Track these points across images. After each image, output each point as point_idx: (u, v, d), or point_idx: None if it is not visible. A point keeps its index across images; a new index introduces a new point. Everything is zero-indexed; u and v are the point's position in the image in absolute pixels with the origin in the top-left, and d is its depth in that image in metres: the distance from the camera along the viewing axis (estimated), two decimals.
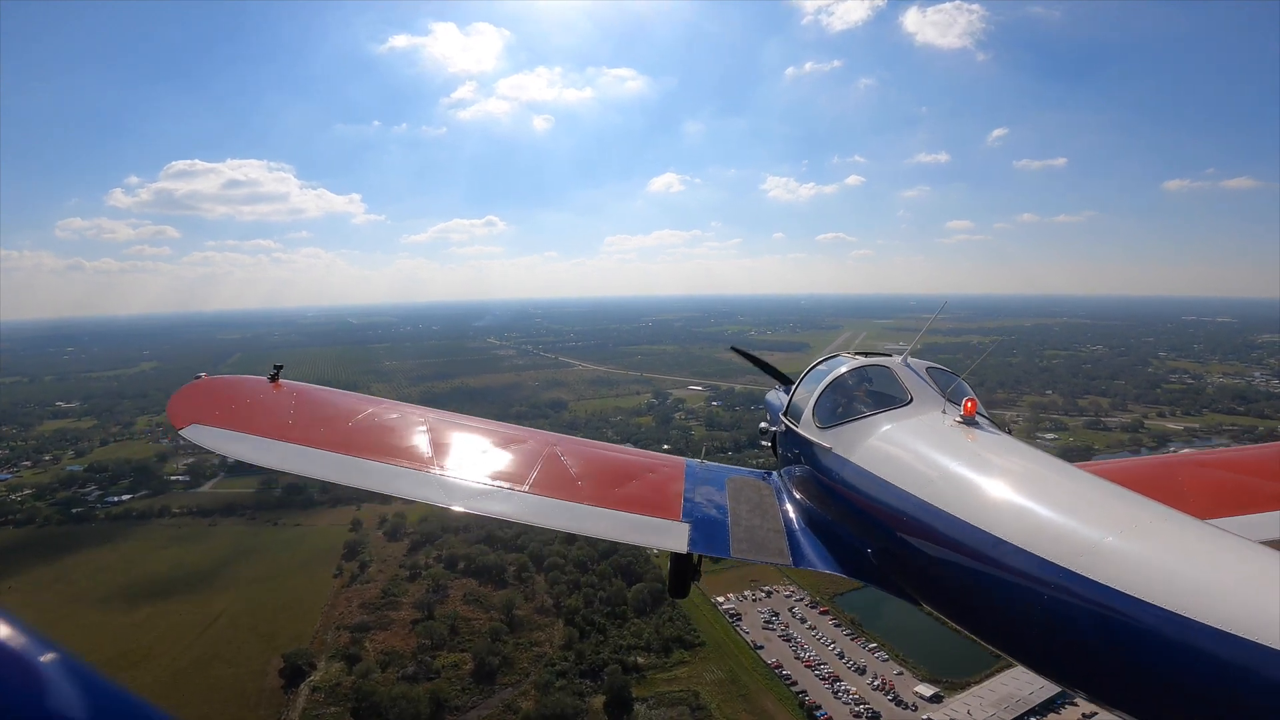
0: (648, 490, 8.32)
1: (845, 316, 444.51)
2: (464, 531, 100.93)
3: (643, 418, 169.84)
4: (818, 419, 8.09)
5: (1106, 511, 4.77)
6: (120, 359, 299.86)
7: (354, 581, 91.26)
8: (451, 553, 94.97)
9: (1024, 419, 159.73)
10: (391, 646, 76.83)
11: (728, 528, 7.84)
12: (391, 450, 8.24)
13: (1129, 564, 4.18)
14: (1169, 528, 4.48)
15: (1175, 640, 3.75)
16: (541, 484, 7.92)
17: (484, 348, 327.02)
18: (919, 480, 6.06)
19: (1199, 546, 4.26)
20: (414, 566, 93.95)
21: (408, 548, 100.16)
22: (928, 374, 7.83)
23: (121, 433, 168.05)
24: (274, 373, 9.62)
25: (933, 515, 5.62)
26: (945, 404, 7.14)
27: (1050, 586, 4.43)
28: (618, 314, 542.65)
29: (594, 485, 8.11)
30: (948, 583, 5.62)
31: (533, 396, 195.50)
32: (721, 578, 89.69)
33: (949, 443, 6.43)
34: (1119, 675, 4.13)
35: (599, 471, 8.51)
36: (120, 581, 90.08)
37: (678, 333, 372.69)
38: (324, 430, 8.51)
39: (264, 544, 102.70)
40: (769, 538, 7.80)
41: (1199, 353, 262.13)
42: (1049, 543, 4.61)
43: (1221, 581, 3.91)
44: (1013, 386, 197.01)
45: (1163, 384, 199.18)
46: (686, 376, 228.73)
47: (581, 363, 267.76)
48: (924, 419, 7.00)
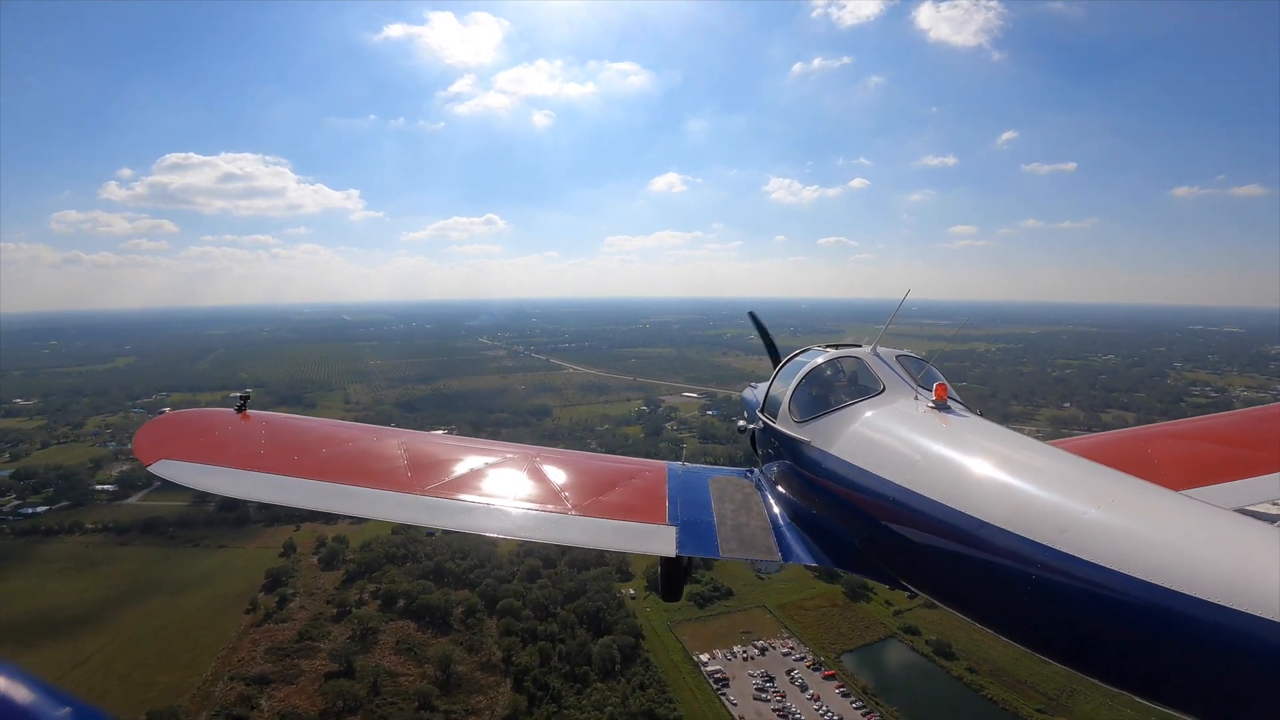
0: (632, 496, 8.15)
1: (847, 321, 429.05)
2: (411, 562, 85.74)
3: (631, 427, 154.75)
4: (795, 413, 8.14)
5: (1084, 487, 4.77)
6: (99, 354, 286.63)
7: (268, 619, 75.74)
8: (391, 588, 79.44)
9: (1043, 435, 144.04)
10: (292, 706, 61.50)
11: (715, 528, 7.78)
12: (368, 474, 7.99)
13: (1110, 538, 4.22)
14: (1146, 501, 4.54)
15: (1158, 611, 3.80)
16: (525, 497, 7.81)
17: (474, 348, 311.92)
18: (899, 467, 6.05)
19: (1176, 518, 4.29)
20: (344, 603, 78.46)
21: (342, 578, 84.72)
22: (898, 362, 7.91)
23: (68, 434, 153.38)
24: (240, 403, 9.30)
25: (915, 500, 5.62)
26: (917, 390, 7.28)
27: (1034, 564, 4.46)
28: (616, 315, 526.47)
29: (578, 495, 7.96)
30: (934, 566, 5.64)
31: (516, 402, 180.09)
32: (708, 627, 74.48)
33: (925, 428, 6.47)
34: (1106, 648, 4.16)
35: (582, 481, 8.34)
36: None
37: (675, 335, 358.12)
38: (297, 457, 8.29)
39: (175, 569, 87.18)
40: (756, 535, 7.75)
41: (1215, 364, 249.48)
42: (1030, 521, 4.64)
43: (1200, 551, 3.93)
44: (1027, 398, 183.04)
45: (1185, 397, 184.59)
46: (681, 382, 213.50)
47: (573, 365, 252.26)
48: (898, 406, 7.07)
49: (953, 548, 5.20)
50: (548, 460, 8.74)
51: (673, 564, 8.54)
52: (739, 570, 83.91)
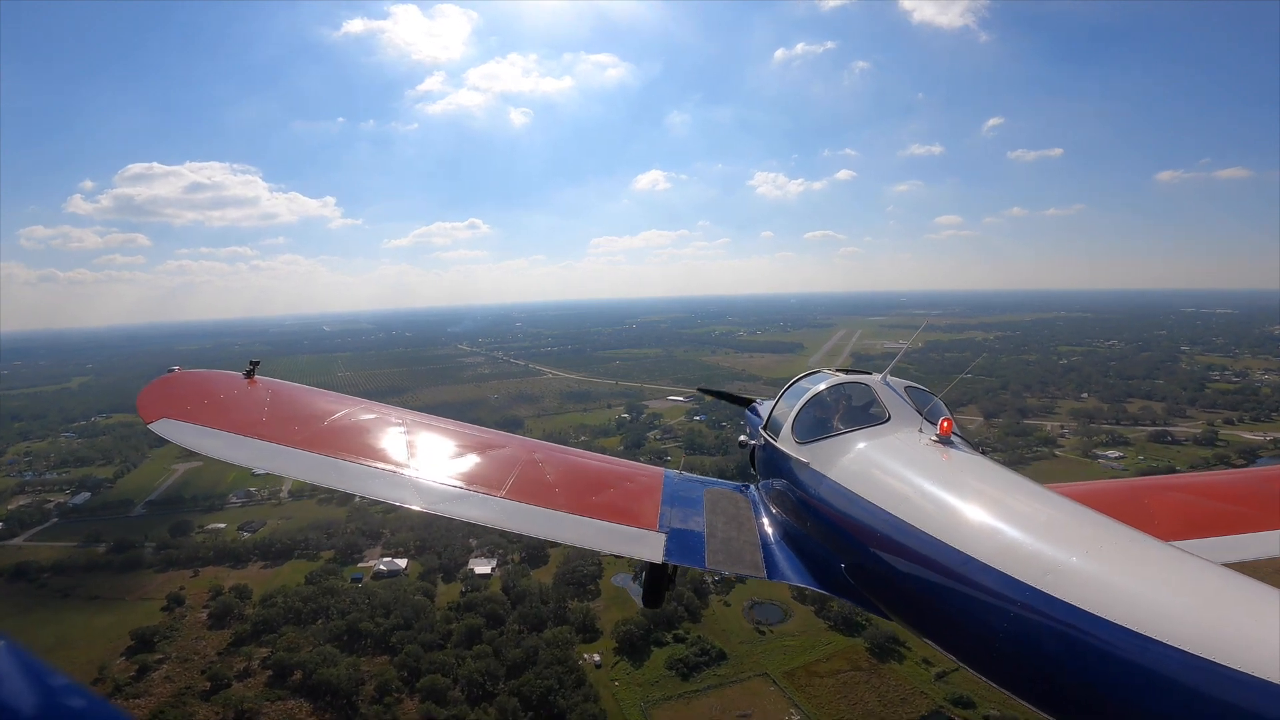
0: (625, 499, 8.07)
1: (836, 314, 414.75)
2: (322, 619, 67.20)
3: (610, 438, 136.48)
4: (796, 434, 8.00)
5: (1073, 532, 4.78)
6: (58, 374, 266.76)
7: (116, 694, 56.99)
8: (283, 659, 60.59)
9: (1071, 431, 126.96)
10: None
11: (704, 539, 7.69)
12: (367, 451, 7.82)
13: (1093, 583, 4.21)
14: (1133, 549, 4.51)
15: (1136, 658, 3.80)
16: (518, 490, 7.62)
17: (451, 355, 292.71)
18: (893, 497, 6.04)
19: (1161, 568, 4.28)
20: (220, 676, 59.54)
21: (230, 639, 65.99)
22: (906, 393, 7.75)
23: None
24: (250, 368, 9.13)
25: (905, 532, 5.60)
26: (922, 423, 7.16)
27: (1016, 604, 4.45)
28: (602, 317, 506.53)
29: (572, 493, 7.83)
30: (917, 598, 5.58)
31: (488, 414, 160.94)
32: (693, 709, 56.12)
33: (924, 462, 6.44)
34: (1081, 692, 4.11)
35: (577, 479, 8.25)
36: None
37: (663, 335, 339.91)
38: (298, 428, 8.05)
39: (26, 625, 67.94)
40: (744, 550, 7.68)
41: (1223, 346, 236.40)
42: (1016, 561, 4.62)
43: (1182, 602, 3.93)
44: (1040, 389, 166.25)
45: (1207, 383, 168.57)
46: (668, 385, 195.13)
47: (553, 371, 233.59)
48: (901, 437, 7.02)
49: (936, 580, 5.18)
50: (546, 455, 8.60)
51: (658, 571, 8.38)
52: (734, 625, 65.65)
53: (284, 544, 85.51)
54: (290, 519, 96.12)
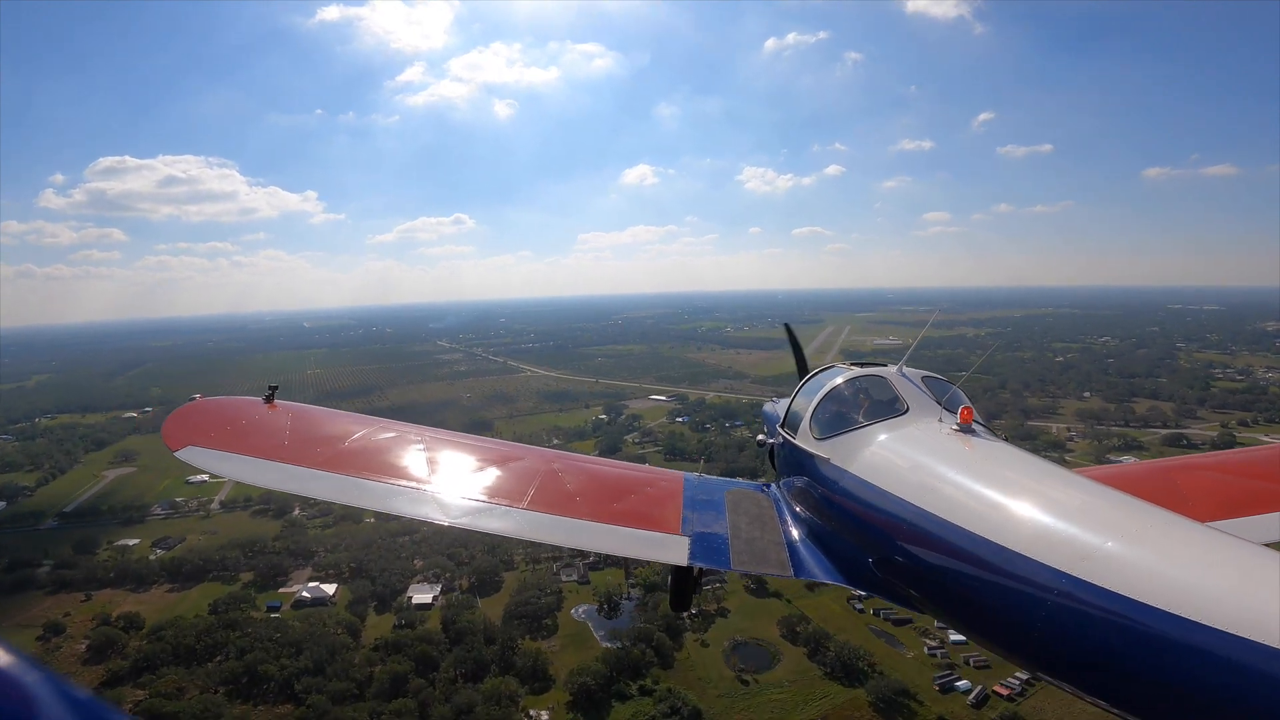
0: (646, 505, 7.91)
1: (825, 310, 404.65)
2: (221, 655, 55.67)
3: (585, 441, 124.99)
4: (815, 430, 7.78)
5: (1107, 517, 4.66)
6: (17, 372, 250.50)
7: None
8: (156, 706, 48.59)
9: (1079, 434, 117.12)
10: None
11: (728, 540, 7.46)
12: (389, 469, 7.76)
13: (1132, 568, 4.11)
14: (1170, 531, 4.41)
15: (1179, 642, 3.72)
16: (539, 501, 7.50)
17: (429, 351, 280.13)
18: (919, 489, 5.88)
19: (1199, 550, 4.20)
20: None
21: (103, 677, 54.39)
22: (923, 383, 7.53)
23: None
24: (269, 393, 9.10)
25: (934, 523, 5.44)
26: (942, 412, 6.94)
27: (1054, 592, 4.33)
28: (588, 313, 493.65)
29: (592, 501, 7.69)
30: (951, 591, 5.41)
31: (458, 415, 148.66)
32: None
33: (947, 451, 6.30)
34: (1124, 679, 4.05)
35: (597, 487, 8.12)
36: None
37: (648, 331, 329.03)
38: (320, 450, 8.01)
39: None
40: (769, 549, 7.44)
41: (1219, 343, 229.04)
42: (1050, 548, 4.50)
43: (1222, 583, 3.86)
44: (1040, 388, 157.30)
45: (1211, 381, 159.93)
46: (650, 383, 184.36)
47: (532, 368, 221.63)
48: (921, 428, 6.82)
49: (970, 572, 5.03)
50: (565, 465, 8.51)
51: (683, 574, 8.31)
52: (713, 671, 54.61)
53: (197, 564, 73.80)
54: (215, 534, 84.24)
